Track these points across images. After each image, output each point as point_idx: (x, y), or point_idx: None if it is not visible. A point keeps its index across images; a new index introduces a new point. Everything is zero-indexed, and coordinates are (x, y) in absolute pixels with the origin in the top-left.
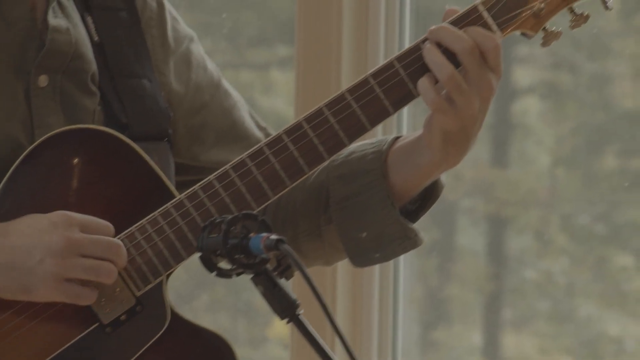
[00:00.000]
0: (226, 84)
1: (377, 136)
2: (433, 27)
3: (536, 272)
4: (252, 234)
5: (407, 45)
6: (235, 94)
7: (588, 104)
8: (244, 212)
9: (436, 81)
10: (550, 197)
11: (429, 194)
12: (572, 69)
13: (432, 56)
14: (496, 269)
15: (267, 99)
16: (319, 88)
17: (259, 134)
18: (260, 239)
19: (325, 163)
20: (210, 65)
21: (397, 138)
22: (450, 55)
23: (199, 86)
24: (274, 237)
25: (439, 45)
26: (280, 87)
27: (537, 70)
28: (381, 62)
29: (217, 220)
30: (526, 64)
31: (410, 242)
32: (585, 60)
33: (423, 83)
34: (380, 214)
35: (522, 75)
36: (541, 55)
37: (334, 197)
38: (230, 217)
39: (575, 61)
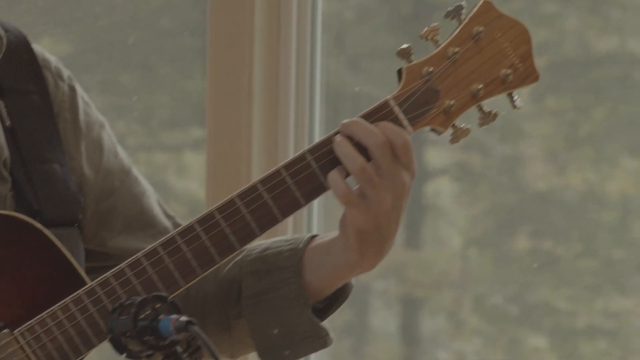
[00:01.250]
0: (136, 172)
1: (288, 226)
2: (345, 120)
3: (449, 353)
4: (161, 316)
5: (317, 125)
6: (144, 182)
7: (500, 185)
8: (154, 294)
9: (347, 175)
10: (462, 278)
11: (338, 294)
12: (483, 150)
13: (343, 148)
14: (409, 351)
15: (181, 180)
16: (230, 170)
17: (166, 222)
18: (170, 321)
19: (239, 253)
20: (121, 152)
21: (313, 237)
22: (362, 149)
23: (110, 172)
24: (183, 318)
25: (350, 139)
26: (194, 168)
27: (449, 152)
28: (291, 143)
29: (127, 302)
30: (438, 145)
31: (320, 341)
32: (497, 142)
33: (333, 176)
34: (292, 312)
35: (435, 157)
36: None
37: (247, 292)
38: (139, 298)
39: (487, 143)
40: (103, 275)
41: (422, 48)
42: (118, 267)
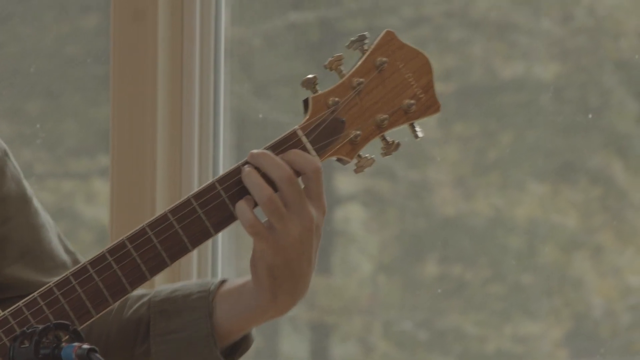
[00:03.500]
0: (37, 204)
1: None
2: (254, 151)
3: None
4: (64, 344)
5: (221, 151)
6: (45, 215)
7: (408, 211)
8: (56, 321)
9: (255, 205)
10: (372, 304)
11: (239, 343)
12: (392, 176)
13: (251, 178)
14: None
15: (89, 207)
16: (135, 197)
17: (65, 257)
18: (72, 349)
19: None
20: (25, 182)
21: (223, 281)
22: (270, 182)
23: (7, 199)
24: (85, 346)
25: (258, 170)
26: (102, 196)
27: (358, 178)
28: (195, 169)
29: (29, 330)
30: (347, 171)
31: None
32: (405, 168)
33: (240, 206)
34: (202, 351)
35: (343, 183)
36: None
37: (156, 330)
38: (41, 327)
39: (395, 169)
40: (15, 305)
41: (327, 76)
42: (30, 296)
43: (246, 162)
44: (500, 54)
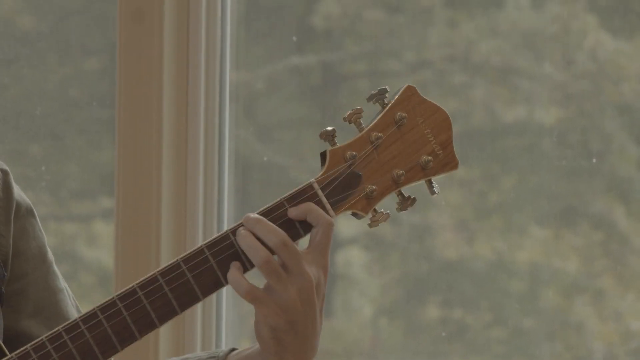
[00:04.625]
0: (57, 269)
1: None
2: (249, 215)
3: None
4: None
5: (226, 194)
6: (64, 283)
7: (410, 254)
8: None
9: (245, 270)
10: (374, 347)
11: None
12: (393, 219)
13: (248, 240)
14: None
15: (91, 250)
16: (139, 240)
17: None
18: None
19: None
20: (48, 248)
21: (233, 349)
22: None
23: (27, 254)
24: None
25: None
26: (104, 238)
27: (359, 221)
28: (200, 213)
29: None
30: (349, 214)
31: None
32: (407, 212)
33: (233, 275)
34: None
35: (345, 226)
36: None
37: None
38: None
39: (397, 212)
40: (22, 348)
41: (345, 128)
42: (38, 340)
43: (235, 228)
44: (502, 98)
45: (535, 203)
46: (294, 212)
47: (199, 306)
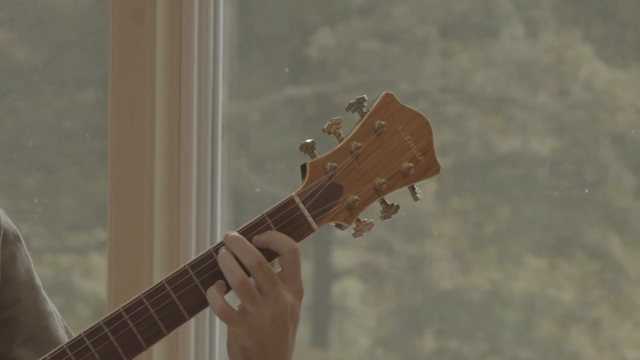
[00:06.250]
0: (45, 294)
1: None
2: (228, 234)
3: None
4: None
5: (219, 225)
6: (52, 305)
7: (406, 285)
8: None
9: (227, 290)
10: None
11: None
12: (389, 250)
13: (226, 261)
14: None
15: (86, 282)
16: (132, 271)
17: None
18: None
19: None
20: (34, 272)
21: None
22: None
23: (17, 282)
24: None
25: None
26: (99, 270)
27: (355, 252)
28: (193, 243)
29: None
30: (345, 245)
31: None
32: (402, 242)
33: (211, 292)
34: None
35: (341, 257)
36: (359, 238)
37: None
38: None
39: (393, 243)
40: None
41: (325, 142)
42: None
43: (217, 246)
44: (496, 128)
45: (531, 233)
46: (257, 242)
47: (192, 321)
